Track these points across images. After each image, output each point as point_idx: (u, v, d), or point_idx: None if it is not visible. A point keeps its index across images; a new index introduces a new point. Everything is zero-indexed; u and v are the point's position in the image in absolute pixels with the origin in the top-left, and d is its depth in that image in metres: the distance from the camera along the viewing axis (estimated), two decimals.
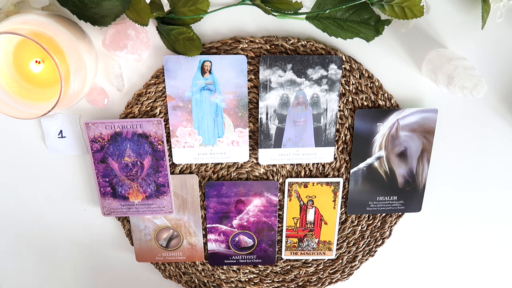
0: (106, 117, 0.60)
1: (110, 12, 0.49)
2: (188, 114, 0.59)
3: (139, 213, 0.64)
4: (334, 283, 0.72)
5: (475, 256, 0.72)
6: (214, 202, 0.65)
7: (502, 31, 0.57)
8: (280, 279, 0.71)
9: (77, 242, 0.68)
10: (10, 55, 0.49)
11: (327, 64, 0.57)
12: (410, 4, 0.51)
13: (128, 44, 0.51)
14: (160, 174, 0.62)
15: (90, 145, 0.60)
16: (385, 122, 0.61)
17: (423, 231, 0.69)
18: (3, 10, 0.50)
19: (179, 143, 0.61)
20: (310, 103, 0.59)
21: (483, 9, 0.53)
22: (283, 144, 0.62)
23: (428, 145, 0.62)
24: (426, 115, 0.61)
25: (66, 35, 0.46)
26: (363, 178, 0.64)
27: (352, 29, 0.54)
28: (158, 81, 0.58)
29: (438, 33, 0.57)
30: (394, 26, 0.56)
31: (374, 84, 0.60)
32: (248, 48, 0.57)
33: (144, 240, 0.67)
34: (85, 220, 0.66)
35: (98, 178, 0.62)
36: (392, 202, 0.66)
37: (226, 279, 0.71)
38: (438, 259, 0.72)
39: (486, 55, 0.59)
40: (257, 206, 0.65)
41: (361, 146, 0.62)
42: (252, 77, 0.58)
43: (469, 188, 0.67)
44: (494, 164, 0.66)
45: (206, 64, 0.57)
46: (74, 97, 0.49)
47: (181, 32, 0.54)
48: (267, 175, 0.64)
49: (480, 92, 0.50)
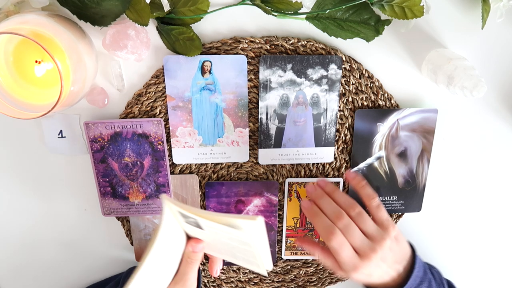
0: (106, 117, 0.60)
1: (110, 12, 0.49)
2: (188, 114, 0.59)
3: (139, 213, 0.64)
4: (334, 283, 0.72)
5: (475, 256, 0.72)
6: (214, 202, 0.65)
7: (502, 31, 0.57)
8: (280, 279, 0.71)
9: (77, 242, 0.68)
10: (10, 55, 0.49)
11: (327, 64, 0.57)
12: (410, 4, 0.51)
13: (128, 44, 0.51)
14: (160, 174, 0.62)
15: (90, 145, 0.60)
16: (385, 122, 0.61)
17: (423, 231, 0.69)
18: (3, 10, 0.50)
19: (179, 143, 0.61)
20: (310, 103, 0.59)
21: (483, 9, 0.53)
22: (283, 144, 0.62)
23: (428, 145, 0.62)
24: (426, 115, 0.61)
25: (66, 35, 0.46)
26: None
27: (352, 29, 0.54)
28: (158, 81, 0.58)
29: (438, 33, 0.57)
30: (394, 26, 0.56)
31: (374, 84, 0.60)
32: (248, 48, 0.57)
33: (144, 240, 0.67)
34: (85, 220, 0.66)
35: (98, 178, 0.62)
36: (392, 202, 0.66)
37: (226, 279, 0.71)
38: (438, 259, 0.72)
39: (486, 55, 0.59)
40: (257, 206, 0.65)
41: (361, 146, 0.62)
42: (252, 77, 0.58)
43: (469, 188, 0.67)
44: (494, 164, 0.66)
45: (206, 64, 0.57)
46: (74, 97, 0.49)
47: (181, 32, 0.54)
48: (267, 175, 0.64)
49: (480, 92, 0.50)
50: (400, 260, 0.56)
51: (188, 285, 0.51)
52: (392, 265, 0.55)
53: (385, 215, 0.55)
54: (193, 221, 0.47)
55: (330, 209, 0.55)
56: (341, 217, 0.54)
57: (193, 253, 0.49)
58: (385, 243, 0.53)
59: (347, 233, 0.53)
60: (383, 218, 0.55)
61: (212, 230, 0.47)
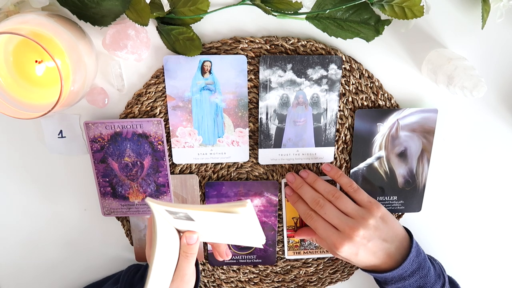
0: (106, 117, 0.60)
1: (110, 12, 0.49)
2: (188, 114, 0.59)
3: (139, 213, 0.64)
4: (334, 283, 0.72)
5: (475, 255, 0.72)
6: (214, 202, 0.65)
7: (502, 31, 0.57)
8: (280, 279, 0.71)
9: (77, 241, 0.68)
10: (10, 55, 0.49)
11: (327, 64, 0.57)
12: (410, 4, 0.51)
13: (128, 44, 0.51)
14: (160, 174, 0.62)
15: (90, 145, 0.60)
16: (385, 122, 0.61)
17: (423, 231, 0.69)
18: (3, 10, 0.50)
19: (179, 143, 0.61)
20: (310, 103, 0.59)
21: (483, 9, 0.53)
22: (283, 144, 0.62)
23: (428, 145, 0.62)
24: (426, 115, 0.61)
25: (66, 35, 0.46)
26: (363, 178, 0.64)
27: (352, 29, 0.54)
28: (158, 81, 0.58)
29: (438, 33, 0.57)
30: (394, 26, 0.56)
31: (374, 84, 0.60)
32: (248, 48, 0.57)
33: (144, 240, 0.67)
34: (85, 220, 0.66)
35: (98, 178, 0.62)
36: (392, 202, 0.66)
37: (226, 279, 0.71)
38: (438, 259, 0.71)
39: (486, 55, 0.59)
40: (257, 206, 0.65)
41: (361, 146, 0.62)
42: (252, 77, 0.58)
43: (469, 188, 0.67)
44: (494, 164, 0.66)
45: (206, 64, 0.57)
46: (74, 97, 0.49)
47: (181, 32, 0.54)
48: (267, 175, 0.64)
49: (480, 92, 0.50)
50: (390, 239, 0.57)
51: (185, 280, 0.51)
52: (379, 244, 0.56)
53: (365, 196, 0.59)
54: (182, 215, 0.47)
55: (309, 196, 0.60)
56: (318, 201, 0.58)
57: (188, 246, 0.50)
58: (368, 221, 0.56)
59: (324, 214, 0.58)
60: (364, 199, 0.58)
61: (204, 219, 0.48)
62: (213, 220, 0.48)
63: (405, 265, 0.56)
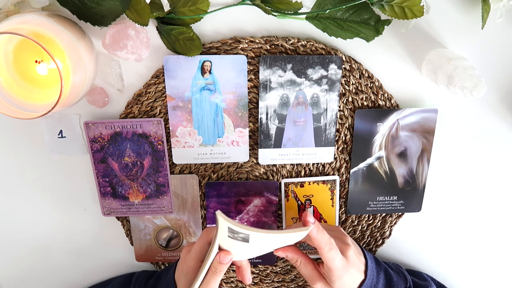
0: (106, 117, 0.60)
1: (110, 12, 0.49)
2: (188, 114, 0.59)
3: (139, 213, 0.64)
4: None
5: (475, 255, 0.72)
6: (214, 202, 0.65)
7: (502, 31, 0.57)
8: (280, 279, 0.71)
9: (77, 242, 0.68)
10: (10, 55, 0.49)
11: (327, 64, 0.57)
12: (410, 4, 0.51)
13: (128, 44, 0.51)
14: (160, 174, 0.62)
15: (90, 145, 0.60)
16: (385, 122, 0.61)
17: (423, 231, 0.69)
18: (3, 10, 0.50)
19: (179, 143, 0.61)
20: (310, 103, 0.59)
21: (483, 9, 0.53)
22: (283, 144, 0.62)
23: (428, 145, 0.62)
24: (426, 115, 0.61)
25: (66, 35, 0.46)
26: (363, 178, 0.64)
27: (352, 29, 0.54)
28: (158, 81, 0.58)
29: (438, 33, 0.57)
30: (394, 26, 0.56)
31: (374, 84, 0.60)
32: (248, 48, 0.57)
33: (144, 240, 0.67)
34: (85, 220, 0.66)
35: (98, 178, 0.62)
36: (392, 202, 0.66)
37: (226, 279, 0.71)
38: (438, 259, 0.72)
39: (486, 55, 0.59)
40: (257, 206, 0.65)
41: (361, 146, 0.62)
42: (252, 77, 0.58)
43: (469, 188, 0.67)
44: (494, 164, 0.66)
45: (206, 64, 0.57)
46: (74, 97, 0.49)
47: (181, 32, 0.54)
48: (267, 175, 0.64)
49: (480, 92, 0.50)
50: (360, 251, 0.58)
51: None
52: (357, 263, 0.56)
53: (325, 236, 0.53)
54: (241, 235, 0.48)
55: None
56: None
57: (219, 264, 0.51)
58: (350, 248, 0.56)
59: None
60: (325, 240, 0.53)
61: (262, 242, 0.50)
62: (268, 242, 0.50)
63: (369, 274, 0.57)
